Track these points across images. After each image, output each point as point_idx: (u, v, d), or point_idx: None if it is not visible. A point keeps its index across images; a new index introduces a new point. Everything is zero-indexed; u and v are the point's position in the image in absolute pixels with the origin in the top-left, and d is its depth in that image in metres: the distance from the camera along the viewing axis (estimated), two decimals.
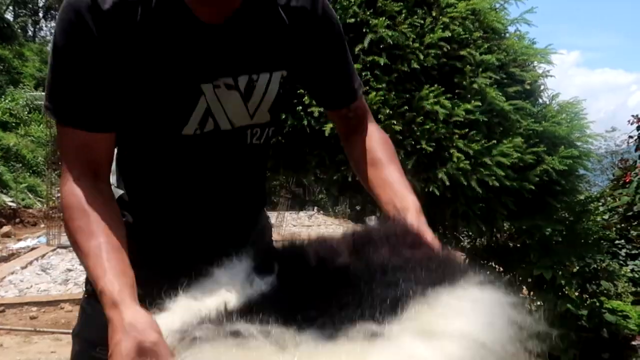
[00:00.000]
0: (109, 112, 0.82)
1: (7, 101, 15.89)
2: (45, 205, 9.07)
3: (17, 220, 9.38)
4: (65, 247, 6.84)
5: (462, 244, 4.70)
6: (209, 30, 0.83)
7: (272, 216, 10.40)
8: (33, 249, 6.80)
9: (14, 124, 14.96)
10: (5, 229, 8.37)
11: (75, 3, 0.75)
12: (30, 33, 34.53)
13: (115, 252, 0.75)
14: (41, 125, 15.09)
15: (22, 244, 7.35)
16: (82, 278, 5.19)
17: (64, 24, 0.77)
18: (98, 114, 0.81)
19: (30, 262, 5.87)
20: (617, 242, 4.58)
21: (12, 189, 11.09)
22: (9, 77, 19.82)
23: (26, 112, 16.19)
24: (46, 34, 37.31)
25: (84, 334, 0.98)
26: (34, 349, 3.18)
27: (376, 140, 1.03)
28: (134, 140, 0.93)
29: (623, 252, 4.64)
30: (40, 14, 37.22)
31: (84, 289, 1.04)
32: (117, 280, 0.71)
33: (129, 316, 0.66)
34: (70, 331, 1.07)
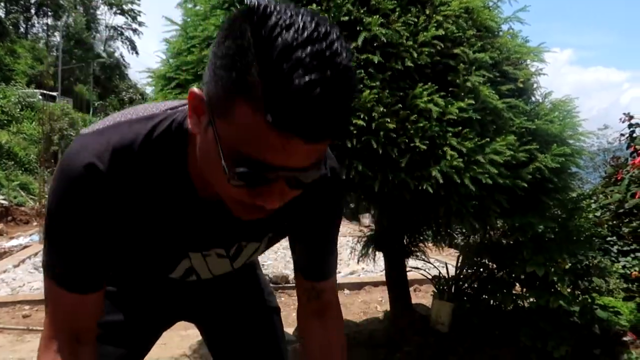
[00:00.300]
0: (102, 273, 0.83)
1: None
2: (37, 203, 9.01)
3: (9, 218, 9.31)
4: None
5: (455, 241, 4.73)
6: (208, 207, 0.81)
7: None
8: (25, 247, 6.76)
9: (5, 122, 14.86)
10: None
11: (69, 171, 0.73)
12: (22, 30, 34.22)
13: None
14: (33, 123, 14.99)
15: (14, 242, 7.30)
16: None
17: (59, 192, 0.74)
18: (92, 277, 0.82)
19: (23, 261, 5.83)
20: (608, 239, 4.62)
21: (4, 187, 11.00)
22: (1, 74, 19.68)
23: (18, 110, 16.08)
24: (38, 31, 37.02)
25: None
26: (27, 347, 3.16)
27: (334, 345, 1.04)
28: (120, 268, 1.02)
29: (615, 248, 4.68)
30: (32, 11, 36.85)
31: None
32: None
33: None
34: None
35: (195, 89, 0.63)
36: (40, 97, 18.31)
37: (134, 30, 40.92)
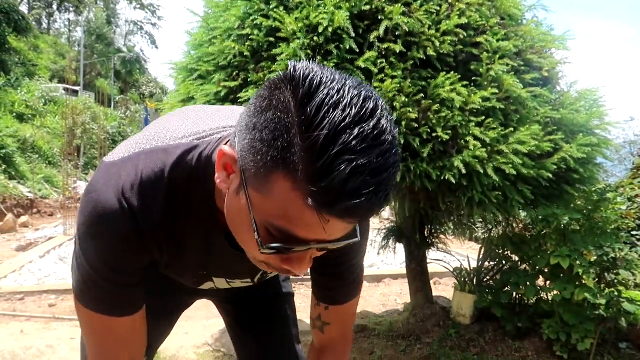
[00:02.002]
0: (138, 297, 0.82)
1: (23, 93, 16.09)
2: (61, 196, 9.19)
3: (35, 210, 9.52)
4: None
5: (476, 234, 4.68)
6: (234, 243, 0.78)
7: None
8: (50, 238, 6.90)
9: (30, 116, 15.16)
10: (23, 219, 8.50)
11: (98, 206, 0.69)
12: (44, 25, 34.82)
13: None
14: (56, 117, 15.27)
15: (39, 233, 7.46)
16: None
17: (89, 229, 0.71)
18: (136, 298, 0.81)
19: (48, 252, 5.95)
20: (634, 233, 4.51)
21: (29, 180, 11.24)
22: (25, 69, 20.06)
23: (42, 104, 16.38)
24: (60, 26, 37.61)
25: None
26: (54, 334, 3.23)
27: None
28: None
29: None
30: (55, 6, 37.45)
31: None
32: None
33: None
34: None
35: (225, 148, 0.62)
36: (63, 91, 18.62)
37: (154, 25, 41.34)
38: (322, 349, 1.03)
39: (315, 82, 0.52)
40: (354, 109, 0.51)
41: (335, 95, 0.51)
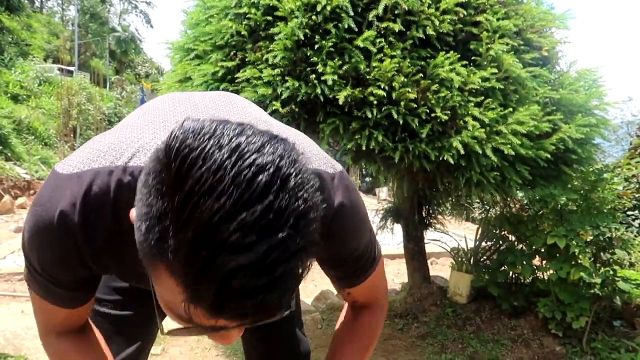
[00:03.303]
0: (90, 292, 0.81)
1: (17, 73, 15.91)
2: None
3: (32, 191, 9.51)
4: None
5: (473, 215, 4.71)
6: None
7: None
8: None
9: (24, 97, 15.02)
10: (20, 200, 8.50)
11: (41, 216, 0.68)
12: (37, 4, 34.26)
13: None
14: (51, 98, 15.14)
15: None
16: None
17: (31, 236, 0.70)
18: (79, 298, 0.80)
19: None
20: (630, 213, 4.54)
21: (25, 162, 11.20)
22: (18, 49, 19.79)
23: (36, 84, 16.22)
24: (53, 5, 37.03)
25: None
26: None
27: (357, 329, 1.00)
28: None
29: (637, 223, 4.61)
30: None
31: None
32: None
33: None
34: None
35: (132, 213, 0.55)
36: (57, 71, 18.43)
37: (148, 3, 40.71)
38: (357, 309, 1.00)
39: (189, 160, 0.43)
40: (234, 192, 0.42)
41: (212, 177, 0.42)
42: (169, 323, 0.66)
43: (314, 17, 2.10)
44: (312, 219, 0.46)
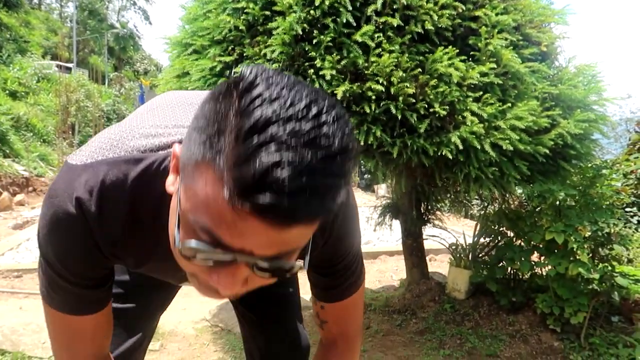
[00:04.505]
0: (107, 290, 0.82)
1: (15, 70, 15.86)
2: (57, 174, 9.14)
3: (30, 188, 9.49)
4: None
5: (471, 212, 4.71)
6: None
7: None
8: None
9: (23, 93, 14.98)
10: (19, 197, 8.48)
11: (57, 206, 0.69)
12: (35, 0, 34.15)
13: None
14: (50, 95, 15.10)
15: (36, 211, 7.46)
16: None
17: (47, 228, 0.71)
18: (97, 298, 0.80)
19: None
20: (628, 209, 4.55)
21: (23, 158, 11.18)
22: (16, 45, 19.73)
23: (35, 81, 16.18)
24: (51, 1, 36.90)
25: None
26: None
27: None
28: None
29: (635, 219, 4.62)
30: None
31: None
32: None
33: None
34: None
35: (176, 148, 0.58)
36: (56, 68, 18.38)
37: (147, 0, 40.63)
38: (325, 345, 1.01)
39: (261, 77, 0.49)
40: (294, 107, 0.47)
41: (277, 92, 0.47)
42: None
43: (312, 11, 2.10)
44: (352, 157, 0.50)
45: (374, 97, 2.07)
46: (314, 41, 2.09)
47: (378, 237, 5.81)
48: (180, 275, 0.85)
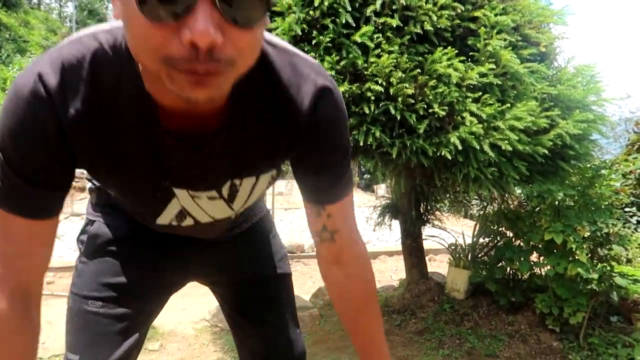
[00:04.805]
0: (58, 195, 0.74)
1: (14, 70, 15.86)
2: None
3: None
4: (77, 215, 6.95)
5: (470, 212, 4.72)
6: (178, 140, 0.72)
7: (282, 184, 10.45)
8: None
9: None
10: None
11: (18, 83, 0.66)
12: (35, 0, 34.14)
13: None
14: None
15: None
16: None
17: (7, 105, 0.66)
18: (44, 200, 0.73)
19: None
20: (627, 209, 4.56)
21: None
22: (16, 45, 19.72)
23: None
24: (51, 1, 36.92)
25: (77, 290, 1.01)
26: (51, 311, 3.25)
27: (355, 294, 0.95)
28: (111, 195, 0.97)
29: (634, 219, 4.63)
30: None
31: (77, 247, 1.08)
32: None
33: None
34: None
35: None
36: None
37: None
38: (337, 258, 0.93)
39: None
40: None
41: None
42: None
43: (311, 12, 2.10)
44: None
45: (373, 98, 2.08)
46: (313, 42, 2.10)
47: (377, 237, 5.81)
48: (161, 187, 0.80)
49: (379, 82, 2.07)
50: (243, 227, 1.13)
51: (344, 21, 2.09)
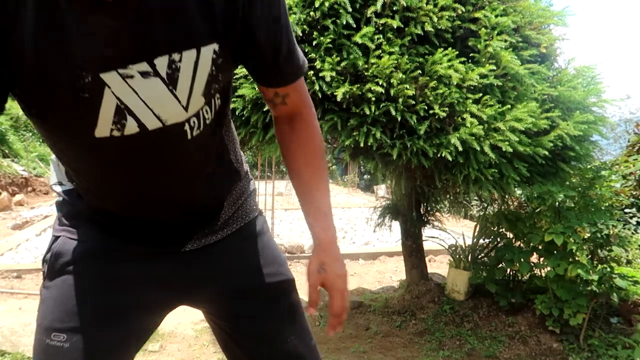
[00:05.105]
0: None
1: None
2: None
3: (29, 188, 9.50)
4: None
5: (471, 212, 4.72)
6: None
7: (282, 185, 10.45)
8: (46, 216, 6.90)
9: None
10: (18, 197, 8.48)
11: None
12: None
13: None
14: None
15: (35, 212, 7.46)
16: None
17: None
18: None
19: (44, 230, 5.96)
20: (627, 210, 4.56)
21: (22, 158, 11.18)
22: None
23: None
24: None
25: (40, 320, 0.87)
26: None
27: (302, 148, 0.95)
28: (53, 141, 0.81)
29: (634, 221, 4.63)
30: None
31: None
32: None
33: None
34: None
35: None
36: None
37: None
38: (289, 117, 0.94)
39: None
40: None
41: None
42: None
43: (312, 13, 2.10)
44: None
45: (373, 99, 2.08)
46: (314, 43, 2.10)
47: (377, 238, 5.81)
48: (83, 68, 0.68)
49: (380, 83, 2.07)
50: (232, 226, 0.99)
51: (344, 22, 2.09)
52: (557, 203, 2.59)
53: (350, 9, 2.10)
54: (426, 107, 2.11)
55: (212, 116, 0.83)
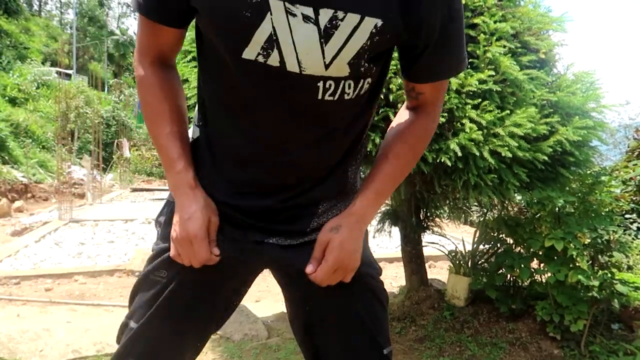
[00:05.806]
0: (180, 10, 0.88)
1: (15, 76, 15.90)
2: (56, 181, 9.14)
3: (29, 195, 9.48)
4: (77, 222, 6.93)
5: (470, 218, 4.71)
6: None
7: None
8: (45, 223, 6.89)
9: (22, 100, 15.01)
10: (18, 203, 8.47)
11: None
12: (35, 7, 34.29)
13: (184, 142, 0.94)
14: (49, 101, 15.12)
15: (34, 218, 7.44)
16: (95, 251, 5.26)
17: None
18: (170, 10, 0.88)
19: (43, 236, 5.95)
20: (627, 216, 4.55)
21: (22, 165, 11.18)
22: (16, 52, 19.80)
23: (34, 88, 16.20)
24: (52, 8, 37.08)
25: (146, 265, 1.02)
26: (50, 318, 3.24)
27: (411, 130, 0.97)
28: (205, 69, 0.97)
29: (634, 226, 4.62)
30: None
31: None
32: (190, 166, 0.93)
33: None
34: (85, 302, 1.08)
35: None
36: (55, 75, 18.42)
37: None
38: (414, 108, 0.97)
39: None
40: None
41: None
42: None
43: None
44: None
45: None
46: None
47: (377, 244, 5.80)
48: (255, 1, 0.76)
49: None
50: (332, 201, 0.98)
51: None
52: (557, 208, 2.58)
53: None
54: None
55: (353, 96, 0.86)
